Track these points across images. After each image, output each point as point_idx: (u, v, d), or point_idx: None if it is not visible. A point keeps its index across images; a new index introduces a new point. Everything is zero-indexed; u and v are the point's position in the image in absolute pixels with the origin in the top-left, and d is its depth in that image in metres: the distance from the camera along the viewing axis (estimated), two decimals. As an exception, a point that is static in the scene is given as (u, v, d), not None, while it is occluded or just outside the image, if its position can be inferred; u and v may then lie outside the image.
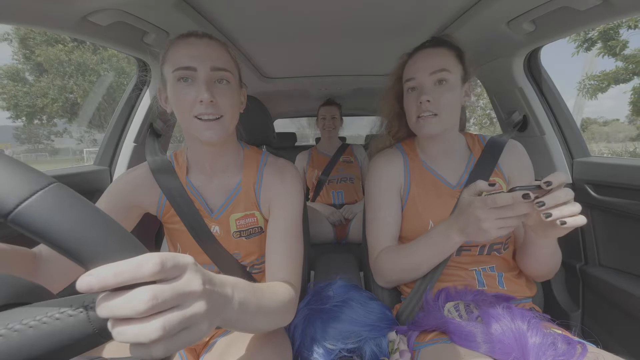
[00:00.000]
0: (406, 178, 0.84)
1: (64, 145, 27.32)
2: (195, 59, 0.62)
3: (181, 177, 0.74)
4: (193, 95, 0.62)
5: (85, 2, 0.68)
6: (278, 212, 0.73)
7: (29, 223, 0.26)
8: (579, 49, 9.71)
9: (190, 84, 0.63)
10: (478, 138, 0.87)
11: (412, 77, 0.77)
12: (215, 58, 0.64)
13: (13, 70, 17.83)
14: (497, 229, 0.56)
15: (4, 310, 0.29)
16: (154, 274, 0.28)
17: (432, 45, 0.79)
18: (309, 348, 0.71)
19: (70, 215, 0.28)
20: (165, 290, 0.28)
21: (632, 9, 0.71)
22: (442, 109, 0.74)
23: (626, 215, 0.91)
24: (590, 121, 31.50)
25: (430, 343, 0.67)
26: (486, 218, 0.56)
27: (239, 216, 0.75)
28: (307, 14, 0.91)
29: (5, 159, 0.28)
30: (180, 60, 0.62)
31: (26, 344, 0.27)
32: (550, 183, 0.52)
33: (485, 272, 0.78)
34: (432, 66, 0.74)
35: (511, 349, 0.55)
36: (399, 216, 0.84)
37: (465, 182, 0.80)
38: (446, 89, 0.74)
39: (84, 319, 0.29)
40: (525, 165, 0.83)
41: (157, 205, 0.75)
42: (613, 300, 0.93)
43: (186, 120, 0.65)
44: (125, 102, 1.18)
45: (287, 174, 0.76)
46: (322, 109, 1.96)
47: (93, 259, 0.28)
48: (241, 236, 0.76)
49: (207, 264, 0.76)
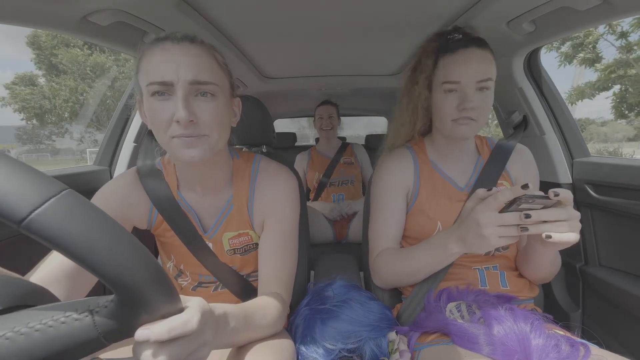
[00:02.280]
0: (416, 179, 0.83)
1: (64, 145, 27.33)
2: (171, 71, 0.52)
3: (172, 189, 0.68)
4: (169, 113, 0.53)
5: (85, 2, 0.68)
6: (271, 225, 0.70)
7: (43, 230, 0.26)
8: (564, 63, 10.72)
9: (166, 98, 0.54)
10: (486, 140, 0.86)
11: (456, 80, 0.70)
12: (196, 68, 0.54)
13: (29, 76, 18.31)
14: (498, 237, 0.55)
15: (10, 313, 0.29)
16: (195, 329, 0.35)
17: (478, 45, 0.71)
18: (309, 348, 0.71)
19: (82, 222, 0.28)
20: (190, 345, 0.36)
21: (632, 9, 0.71)
22: (481, 115, 0.72)
23: (626, 215, 0.91)
24: (589, 121, 31.56)
25: (431, 344, 0.67)
26: (487, 223, 0.55)
27: (232, 235, 0.71)
28: (307, 14, 0.91)
29: (17, 165, 0.28)
30: (154, 72, 0.53)
31: (32, 347, 0.27)
32: (558, 194, 0.51)
33: (488, 271, 0.78)
34: (480, 74, 0.69)
35: (514, 351, 0.55)
36: (403, 218, 0.83)
37: (474, 185, 0.80)
38: (487, 95, 0.71)
39: (89, 323, 0.29)
40: (532, 171, 0.83)
41: (147, 218, 0.70)
42: (613, 300, 0.92)
43: (163, 140, 0.56)
44: (125, 102, 1.18)
45: (280, 183, 0.71)
46: (319, 109, 1.94)
47: (105, 266, 0.28)
48: (235, 253, 0.73)
49: (205, 274, 0.75)
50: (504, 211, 0.55)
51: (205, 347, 0.39)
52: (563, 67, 10.84)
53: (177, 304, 0.35)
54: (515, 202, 0.53)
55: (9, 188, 0.26)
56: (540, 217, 0.52)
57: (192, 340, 0.36)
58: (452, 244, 0.63)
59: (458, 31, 0.76)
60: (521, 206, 0.53)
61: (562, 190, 0.52)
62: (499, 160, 0.81)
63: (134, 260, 0.29)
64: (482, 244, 0.56)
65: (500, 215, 0.54)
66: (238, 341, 0.55)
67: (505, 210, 0.55)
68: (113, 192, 0.67)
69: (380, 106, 2.53)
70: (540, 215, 0.52)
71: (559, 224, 0.52)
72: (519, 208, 0.54)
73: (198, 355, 0.37)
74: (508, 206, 0.54)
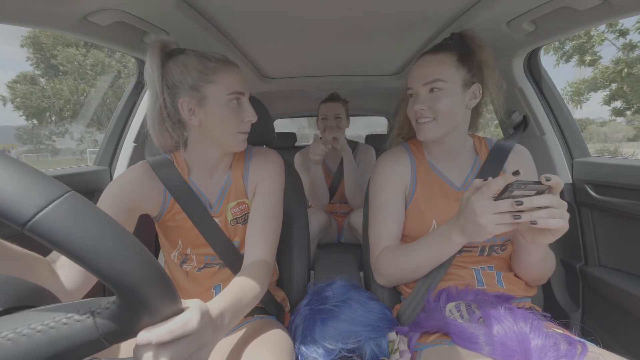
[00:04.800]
0: (412, 178, 0.84)
1: (64, 145, 27.34)
2: (244, 85, 0.73)
3: (184, 175, 0.77)
4: (242, 115, 0.73)
5: (85, 2, 0.68)
6: (259, 193, 0.80)
7: (47, 232, 0.26)
8: (559, 62, 10.78)
9: (238, 105, 0.72)
10: (485, 141, 0.87)
11: (410, 86, 0.80)
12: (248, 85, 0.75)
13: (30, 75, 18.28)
14: (495, 225, 0.55)
15: (12, 314, 0.29)
16: (195, 329, 0.36)
17: (431, 51, 0.79)
18: (309, 348, 0.71)
19: (85, 225, 0.28)
20: (191, 345, 0.37)
21: (632, 9, 0.71)
22: (439, 114, 0.75)
23: (626, 215, 0.91)
24: (589, 121, 31.56)
25: (432, 344, 0.67)
26: (482, 212, 0.56)
27: (233, 205, 0.81)
28: (307, 14, 0.91)
29: (21, 167, 0.28)
30: (235, 85, 0.71)
31: (34, 348, 0.27)
32: (550, 179, 0.52)
33: (484, 271, 0.78)
34: (425, 76, 0.76)
35: (514, 351, 0.55)
36: (402, 216, 0.84)
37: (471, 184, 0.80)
38: (442, 95, 0.74)
39: (90, 325, 0.29)
40: (531, 171, 0.83)
41: (160, 203, 0.76)
42: (613, 300, 0.93)
43: (229, 133, 0.72)
44: (125, 102, 1.18)
45: (269, 161, 0.84)
46: (323, 107, 1.59)
47: (109, 269, 0.28)
48: (238, 222, 0.81)
49: (210, 254, 0.79)
50: (499, 199, 0.55)
51: (205, 348, 0.40)
52: (558, 67, 10.98)
53: (178, 305, 0.36)
54: (508, 189, 0.53)
55: (13, 190, 0.26)
56: (533, 203, 0.53)
57: (192, 340, 0.37)
58: (455, 235, 0.64)
59: None
60: (514, 192, 0.54)
61: (553, 176, 0.53)
62: (497, 160, 0.81)
63: (136, 263, 0.29)
64: (481, 232, 0.57)
65: (495, 203, 0.55)
66: (232, 327, 0.59)
67: (499, 198, 0.55)
68: (126, 182, 0.74)
69: (380, 106, 2.53)
70: (532, 201, 0.53)
71: (551, 211, 0.53)
72: (512, 195, 0.54)
73: (198, 357, 0.38)
74: (502, 194, 0.55)
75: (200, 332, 0.38)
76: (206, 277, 0.81)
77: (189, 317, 0.36)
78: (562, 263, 1.12)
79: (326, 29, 1.03)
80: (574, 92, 11.46)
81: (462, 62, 0.76)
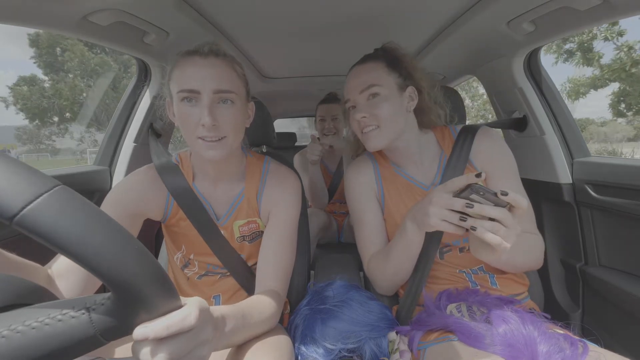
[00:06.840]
0: (378, 184, 0.85)
1: (64, 145, 27.33)
2: (198, 82, 0.62)
3: (189, 181, 0.75)
4: (196, 117, 0.62)
5: (85, 2, 0.68)
6: (274, 221, 0.75)
7: (35, 226, 0.26)
8: (558, 60, 10.86)
9: (194, 104, 0.63)
10: (448, 131, 0.84)
11: (347, 98, 0.80)
12: (219, 79, 0.63)
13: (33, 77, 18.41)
14: (439, 219, 0.55)
15: (7, 312, 0.29)
16: (193, 325, 0.35)
17: (359, 62, 0.80)
18: (309, 348, 0.71)
19: (75, 218, 0.27)
20: (190, 342, 0.36)
21: (632, 9, 0.71)
22: (381, 121, 0.74)
23: (626, 215, 0.91)
24: (589, 121, 31.53)
25: (435, 342, 0.66)
26: (436, 202, 0.56)
27: (242, 223, 0.77)
28: (307, 14, 0.91)
29: (9, 161, 0.27)
30: (184, 82, 0.62)
31: (28, 345, 0.27)
32: (506, 194, 0.50)
33: (476, 275, 0.78)
34: (360, 84, 0.76)
35: (521, 353, 0.55)
36: (381, 221, 0.85)
37: (440, 181, 0.79)
38: (380, 100, 0.74)
39: (86, 321, 0.29)
40: (498, 151, 0.78)
41: (163, 208, 0.74)
42: (613, 300, 0.93)
43: (190, 139, 0.66)
44: (125, 102, 1.18)
45: (288, 185, 0.78)
46: (321, 108, 1.59)
47: (98, 262, 0.28)
48: (244, 240, 0.78)
49: (213, 263, 0.78)
50: (457, 197, 0.55)
51: (205, 345, 0.39)
52: (556, 66, 11.07)
53: (176, 301, 0.35)
54: (468, 189, 0.52)
55: (1, 184, 0.26)
56: (482, 210, 0.51)
57: (191, 337, 0.36)
58: (407, 221, 0.65)
59: None
60: (472, 196, 0.52)
61: (515, 195, 0.50)
62: (461, 151, 0.79)
63: (129, 257, 0.29)
64: (425, 220, 0.58)
65: (450, 197, 0.55)
66: (236, 341, 0.56)
67: (458, 196, 0.54)
68: (130, 187, 0.72)
69: None
70: (483, 208, 0.51)
71: (495, 225, 0.50)
72: (469, 197, 0.53)
73: (198, 354, 0.37)
74: (461, 192, 0.54)
75: (199, 328, 0.37)
76: (206, 285, 0.80)
77: (187, 312, 0.35)
78: (562, 263, 1.12)
79: (326, 29, 1.03)
80: (573, 89, 11.49)
81: (391, 67, 0.77)
